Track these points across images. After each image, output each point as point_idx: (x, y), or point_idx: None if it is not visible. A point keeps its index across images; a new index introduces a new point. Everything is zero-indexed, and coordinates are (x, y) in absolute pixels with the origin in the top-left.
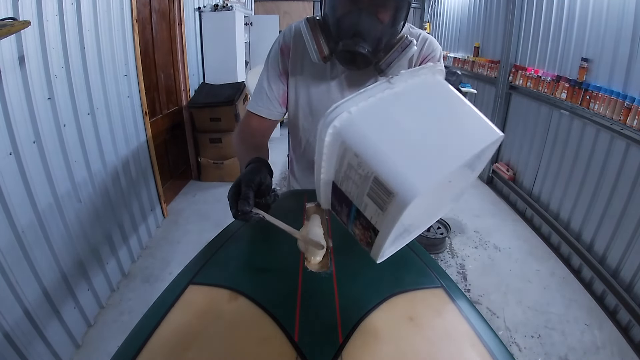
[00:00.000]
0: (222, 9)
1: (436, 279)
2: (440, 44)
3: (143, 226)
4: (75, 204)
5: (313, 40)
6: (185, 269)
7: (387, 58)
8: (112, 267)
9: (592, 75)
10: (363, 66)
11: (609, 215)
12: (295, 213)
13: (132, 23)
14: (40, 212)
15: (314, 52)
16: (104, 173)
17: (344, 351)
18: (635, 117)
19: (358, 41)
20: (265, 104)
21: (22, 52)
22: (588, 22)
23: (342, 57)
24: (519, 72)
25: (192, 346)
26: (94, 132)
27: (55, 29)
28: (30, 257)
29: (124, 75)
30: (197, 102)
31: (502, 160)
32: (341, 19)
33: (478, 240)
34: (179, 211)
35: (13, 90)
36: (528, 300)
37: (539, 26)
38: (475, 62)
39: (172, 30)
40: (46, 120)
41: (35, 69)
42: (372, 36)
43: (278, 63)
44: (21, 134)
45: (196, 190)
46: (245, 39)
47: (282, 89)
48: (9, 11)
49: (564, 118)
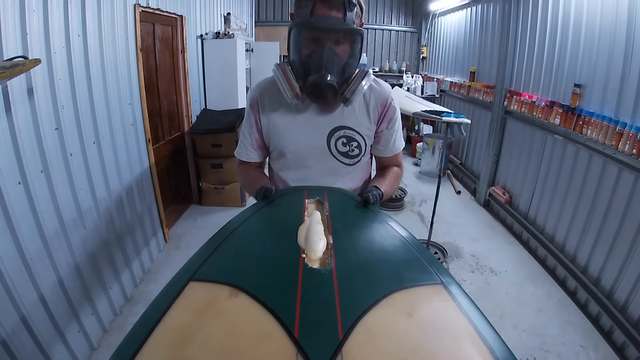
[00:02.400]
0: (223, 36)
1: (436, 276)
2: (437, 68)
3: (145, 251)
4: (80, 231)
5: (285, 81)
6: (185, 266)
7: (350, 87)
8: (115, 292)
9: (585, 101)
10: (331, 97)
11: (602, 238)
12: (295, 209)
13: (137, 52)
14: (47, 239)
15: (287, 90)
16: (109, 200)
17: (344, 347)
18: (627, 142)
19: (325, 74)
20: (244, 151)
21: (30, 84)
22: (580, 48)
23: (311, 90)
24: (513, 97)
25: (192, 342)
26: (99, 160)
27: (62, 60)
28: (37, 283)
29: (128, 104)
30: (199, 128)
31: (498, 184)
32: (307, 58)
33: (475, 265)
34: (180, 235)
35: (22, 121)
36: (524, 324)
37: (532, 52)
38: (471, 86)
39: (175, 57)
40: (53, 150)
41: (43, 100)
42: (335, 68)
43: (249, 117)
44: (29, 164)
45: (197, 215)
46: (246, 65)
47: (255, 137)
48: (18, 43)
49: (558, 143)
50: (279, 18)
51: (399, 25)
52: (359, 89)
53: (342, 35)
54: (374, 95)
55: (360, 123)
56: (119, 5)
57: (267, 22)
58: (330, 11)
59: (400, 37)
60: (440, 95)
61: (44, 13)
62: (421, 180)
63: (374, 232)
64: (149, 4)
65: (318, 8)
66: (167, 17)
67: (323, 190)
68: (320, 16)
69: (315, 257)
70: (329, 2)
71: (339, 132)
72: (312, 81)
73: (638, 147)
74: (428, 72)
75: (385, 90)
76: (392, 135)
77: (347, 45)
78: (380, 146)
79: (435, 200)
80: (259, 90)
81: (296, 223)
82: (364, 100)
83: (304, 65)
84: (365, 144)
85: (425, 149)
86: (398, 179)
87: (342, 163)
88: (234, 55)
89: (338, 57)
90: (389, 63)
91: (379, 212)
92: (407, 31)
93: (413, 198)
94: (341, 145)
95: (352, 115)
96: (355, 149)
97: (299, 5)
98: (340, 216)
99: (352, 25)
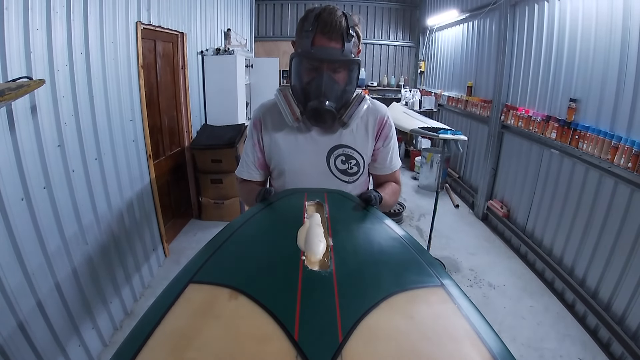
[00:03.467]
0: (224, 52)
1: (436, 278)
2: (435, 82)
3: (145, 266)
4: (82, 246)
5: (287, 106)
6: (185, 268)
7: (348, 111)
8: (115, 306)
9: (580, 115)
10: (329, 121)
11: (599, 251)
12: (295, 211)
13: (138, 69)
14: (49, 254)
15: (288, 114)
16: (110, 215)
17: (344, 350)
18: (622, 155)
19: (324, 100)
20: (246, 169)
21: (34, 102)
22: (575, 63)
23: (311, 115)
24: (510, 112)
25: (192, 345)
26: (100, 177)
27: (65, 78)
28: (39, 297)
29: (129, 120)
30: (199, 144)
31: (496, 197)
32: (307, 85)
33: (473, 279)
34: (180, 250)
35: (25, 138)
36: (522, 337)
37: (528, 67)
38: (468, 101)
39: (176, 73)
40: (56, 167)
41: (46, 117)
42: (334, 95)
43: (252, 135)
44: (32, 181)
45: (197, 230)
46: (246, 81)
47: (257, 156)
48: (22, 62)
49: (555, 157)
50: (279, 33)
51: (397, 40)
52: (356, 113)
53: (340, 65)
54: (372, 114)
55: (359, 142)
56: (121, 23)
57: (267, 37)
58: (330, 42)
59: (398, 51)
60: (438, 109)
61: (47, 31)
62: (420, 194)
63: (374, 234)
64: (151, 21)
65: (318, 39)
66: (168, 34)
67: (323, 192)
68: (320, 47)
69: (315, 259)
70: (328, 34)
71: (338, 151)
72: (312, 106)
73: (633, 161)
74: (426, 87)
75: (381, 109)
76: (389, 153)
77: (345, 74)
78: (377, 164)
79: (433, 215)
80: (262, 110)
81: (296, 225)
82: (362, 120)
83: (304, 91)
84: (364, 161)
85: (423, 163)
86: (396, 193)
87: (341, 181)
88: (233, 71)
89: (336, 84)
90: (387, 77)
91: (379, 215)
92: (405, 46)
93: (412, 212)
94: (340, 163)
95: (351, 135)
96: (354, 167)
97: (300, 35)
98: (340, 218)
99: (349, 55)
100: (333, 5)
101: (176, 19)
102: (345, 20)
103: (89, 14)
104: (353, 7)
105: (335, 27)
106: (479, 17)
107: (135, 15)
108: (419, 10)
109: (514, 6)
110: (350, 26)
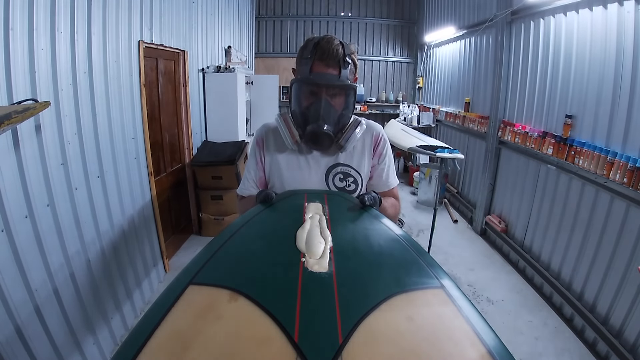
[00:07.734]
0: (224, 70)
1: (436, 279)
2: (433, 98)
3: (146, 281)
4: (84, 263)
5: (286, 129)
6: (185, 270)
7: (345, 135)
8: (116, 322)
9: (576, 131)
10: (327, 144)
11: (597, 265)
12: (295, 213)
13: (140, 87)
14: (52, 271)
15: (288, 137)
16: (111, 232)
17: (344, 351)
18: (618, 171)
19: (322, 124)
20: (247, 187)
21: (38, 122)
22: (571, 80)
23: (309, 138)
24: (507, 128)
25: (192, 346)
26: (102, 194)
27: (69, 97)
28: (41, 313)
29: (131, 138)
30: (199, 160)
31: (494, 213)
32: (306, 109)
33: (472, 294)
34: (180, 266)
35: (30, 157)
36: (520, 352)
37: (525, 84)
38: (466, 117)
39: (177, 91)
40: (59, 185)
41: (50, 136)
42: (331, 119)
43: (255, 153)
44: (36, 198)
45: (197, 245)
46: (247, 98)
47: (259, 174)
48: (27, 81)
49: (551, 172)
50: (279, 49)
51: (395, 56)
52: (352, 137)
53: (337, 90)
54: (368, 133)
55: (355, 160)
56: (123, 42)
57: (267, 54)
58: (327, 69)
59: (396, 67)
60: (436, 125)
61: (52, 51)
62: (419, 209)
63: (374, 236)
64: (153, 40)
65: (316, 66)
66: (170, 52)
67: (323, 193)
68: (318, 73)
69: (315, 261)
70: (326, 61)
71: (336, 169)
72: (311, 130)
73: (629, 176)
74: (424, 102)
75: (376, 127)
76: (384, 170)
77: (342, 99)
78: (373, 181)
79: (431, 231)
80: (265, 130)
81: (296, 226)
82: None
83: (303, 115)
84: (361, 178)
85: (422, 178)
86: (395, 206)
87: None
88: (234, 88)
89: (334, 109)
90: (385, 93)
91: (379, 216)
92: (403, 62)
93: (410, 228)
94: (338, 181)
95: (349, 154)
96: (352, 184)
97: (299, 62)
98: (340, 219)
99: (346, 81)
100: (331, 35)
101: (177, 37)
102: (342, 48)
103: (92, 33)
104: (352, 23)
105: (332, 55)
106: (475, 33)
107: (138, 34)
108: (417, 27)
109: (510, 23)
110: (347, 54)
